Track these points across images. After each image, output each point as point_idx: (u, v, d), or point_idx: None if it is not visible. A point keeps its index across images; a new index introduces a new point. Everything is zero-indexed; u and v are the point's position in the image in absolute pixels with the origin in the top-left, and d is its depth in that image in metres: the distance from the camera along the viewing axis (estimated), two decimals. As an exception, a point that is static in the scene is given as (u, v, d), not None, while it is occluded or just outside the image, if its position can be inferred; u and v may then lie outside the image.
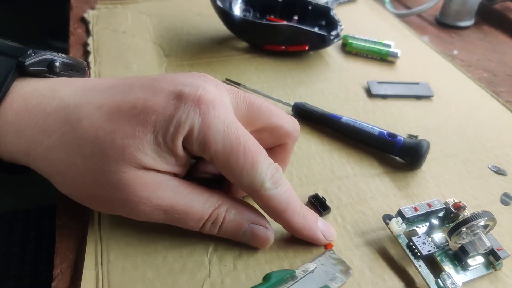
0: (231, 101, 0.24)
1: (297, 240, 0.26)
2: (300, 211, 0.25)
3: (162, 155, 0.22)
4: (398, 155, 0.33)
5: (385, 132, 0.33)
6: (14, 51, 0.24)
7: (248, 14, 0.48)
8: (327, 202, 0.28)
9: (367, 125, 0.34)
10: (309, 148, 0.34)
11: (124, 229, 0.26)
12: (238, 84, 0.40)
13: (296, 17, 0.47)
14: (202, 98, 0.22)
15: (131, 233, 0.26)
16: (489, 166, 0.33)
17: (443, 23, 0.57)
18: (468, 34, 0.56)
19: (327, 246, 0.26)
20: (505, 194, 0.31)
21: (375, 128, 0.33)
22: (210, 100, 0.22)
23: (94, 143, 0.22)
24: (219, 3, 0.43)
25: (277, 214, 0.24)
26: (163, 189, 0.23)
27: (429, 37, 0.55)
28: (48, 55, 0.25)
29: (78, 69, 0.28)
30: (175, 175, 0.24)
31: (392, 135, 0.32)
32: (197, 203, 0.23)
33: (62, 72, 0.26)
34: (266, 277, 0.22)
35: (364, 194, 0.30)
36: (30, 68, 0.24)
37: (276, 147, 0.27)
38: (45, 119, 0.23)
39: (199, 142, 0.22)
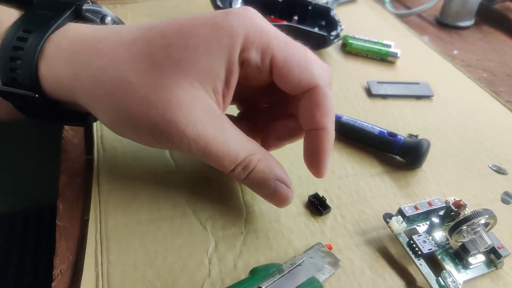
0: None
1: (298, 240, 0.26)
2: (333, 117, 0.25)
3: (215, 69, 0.22)
4: (399, 155, 0.33)
5: (385, 131, 0.33)
6: None
7: (248, 14, 0.48)
8: (327, 202, 0.28)
9: (367, 124, 0.34)
10: (309, 148, 0.34)
11: (124, 230, 0.26)
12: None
13: (296, 17, 0.47)
14: (247, 9, 0.24)
15: (131, 234, 0.26)
16: (490, 165, 0.33)
17: (443, 23, 0.58)
18: (468, 34, 0.56)
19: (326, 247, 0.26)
20: (506, 193, 0.31)
21: (375, 127, 0.33)
22: (254, 11, 0.24)
23: (150, 58, 0.22)
24: (219, 3, 0.43)
25: (324, 113, 0.24)
26: (211, 117, 0.23)
27: (429, 37, 0.55)
28: (103, 10, 0.28)
29: None
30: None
31: (392, 135, 0.32)
32: (235, 144, 0.23)
33: None
34: (253, 272, 0.22)
35: (364, 193, 0.30)
36: (86, 14, 0.26)
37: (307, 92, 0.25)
38: (97, 43, 0.24)
39: (256, 45, 0.23)
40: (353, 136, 0.34)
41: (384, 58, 0.46)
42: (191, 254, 0.25)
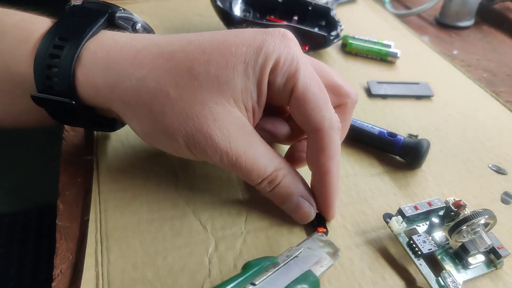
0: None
1: (298, 241, 0.26)
2: (339, 160, 0.26)
3: (249, 88, 0.23)
4: (398, 155, 0.33)
5: (385, 131, 0.33)
6: (108, 6, 0.26)
7: (248, 14, 0.48)
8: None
9: (367, 124, 0.34)
10: (309, 148, 0.34)
11: (124, 230, 0.26)
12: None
13: (296, 18, 0.47)
14: (286, 34, 0.25)
15: (131, 234, 0.26)
16: (490, 165, 0.33)
17: (443, 23, 0.58)
18: (468, 34, 0.56)
19: (318, 230, 0.26)
20: (506, 193, 0.31)
21: (375, 127, 0.33)
22: (292, 37, 0.25)
23: (189, 73, 0.23)
24: (219, 3, 0.43)
25: (329, 156, 0.25)
26: (243, 133, 0.24)
27: (429, 37, 0.55)
28: (134, 17, 0.28)
29: None
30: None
31: (392, 135, 0.32)
32: (263, 159, 0.24)
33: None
34: (245, 266, 0.22)
35: (364, 193, 0.30)
36: (119, 21, 0.26)
37: (336, 107, 0.28)
38: (135, 53, 0.24)
39: (283, 71, 0.24)
40: (352, 136, 0.34)
41: (384, 58, 0.46)
42: (191, 254, 0.25)
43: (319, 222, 0.27)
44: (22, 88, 0.25)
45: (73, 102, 0.24)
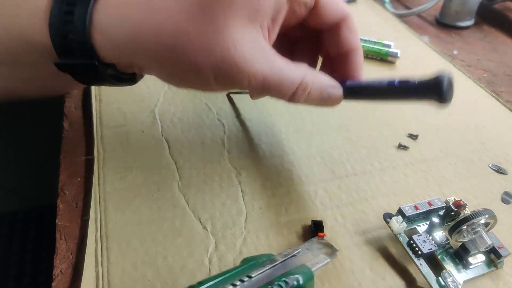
0: None
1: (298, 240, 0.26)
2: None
3: (263, 5, 0.24)
4: (419, 95, 0.26)
5: (395, 81, 0.28)
6: None
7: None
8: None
9: (373, 80, 0.29)
10: (309, 148, 0.34)
11: (124, 230, 0.26)
12: (241, 93, 0.39)
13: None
14: None
15: (131, 234, 0.26)
16: (490, 165, 0.33)
17: (443, 23, 0.58)
18: (468, 34, 0.56)
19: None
20: (506, 193, 0.31)
21: (383, 81, 0.28)
22: None
23: (200, 4, 0.23)
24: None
25: (357, 35, 0.28)
26: (263, 52, 0.24)
27: (429, 37, 0.55)
28: None
29: None
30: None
31: (404, 82, 0.27)
32: (289, 71, 0.25)
33: None
34: (244, 261, 0.22)
35: (364, 193, 0.30)
36: None
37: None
38: (147, 0, 0.24)
39: None
40: (362, 97, 0.30)
41: (384, 58, 0.46)
42: (191, 254, 0.25)
43: (317, 228, 0.27)
44: (43, 57, 0.25)
45: (96, 63, 0.24)
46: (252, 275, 0.20)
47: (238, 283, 0.20)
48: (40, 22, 0.24)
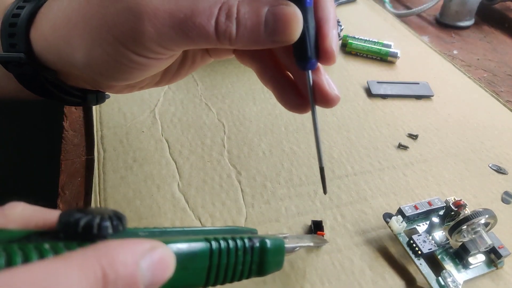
0: None
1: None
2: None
3: None
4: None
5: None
6: None
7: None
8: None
9: None
10: (309, 148, 0.34)
11: (124, 229, 0.26)
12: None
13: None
14: None
15: (131, 233, 0.26)
16: (490, 165, 0.33)
17: (443, 23, 0.58)
18: (468, 34, 0.56)
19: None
20: (506, 193, 0.31)
21: None
22: None
23: None
24: None
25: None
26: None
27: (429, 37, 0.55)
28: None
29: None
30: None
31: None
32: (201, 1, 0.20)
33: None
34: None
35: (364, 193, 0.30)
36: None
37: None
38: None
39: None
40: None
41: (384, 58, 0.46)
42: (191, 254, 0.25)
43: (317, 228, 0.27)
44: None
45: (23, 55, 0.24)
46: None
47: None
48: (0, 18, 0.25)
